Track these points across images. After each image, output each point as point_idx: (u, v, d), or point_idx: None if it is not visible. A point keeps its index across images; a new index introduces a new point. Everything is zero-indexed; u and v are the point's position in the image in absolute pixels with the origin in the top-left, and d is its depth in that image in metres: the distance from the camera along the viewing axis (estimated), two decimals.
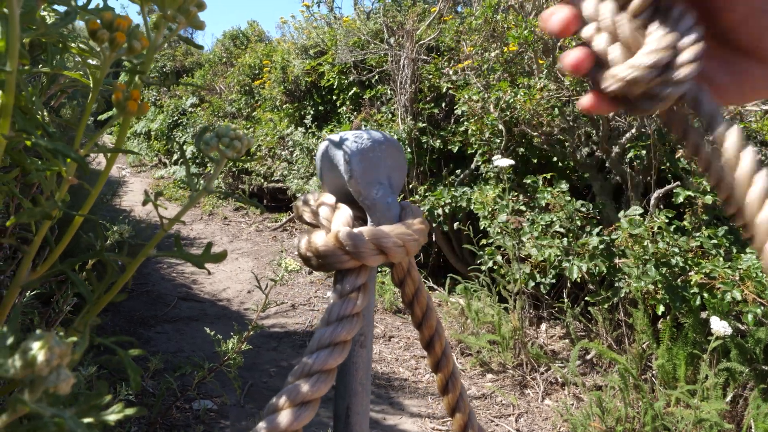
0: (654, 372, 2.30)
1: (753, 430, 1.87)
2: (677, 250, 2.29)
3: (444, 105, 3.78)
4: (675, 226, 2.45)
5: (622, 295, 2.39)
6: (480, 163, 3.32)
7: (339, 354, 0.51)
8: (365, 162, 0.56)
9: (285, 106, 5.28)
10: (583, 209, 2.73)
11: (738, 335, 2.09)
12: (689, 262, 2.28)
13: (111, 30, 0.50)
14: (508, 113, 3.11)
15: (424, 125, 3.66)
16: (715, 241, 2.32)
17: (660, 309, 2.22)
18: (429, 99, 3.77)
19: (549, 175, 2.95)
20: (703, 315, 2.18)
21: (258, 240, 4.96)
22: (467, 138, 3.41)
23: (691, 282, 2.19)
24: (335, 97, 4.66)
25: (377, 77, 4.15)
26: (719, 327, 1.90)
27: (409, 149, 3.61)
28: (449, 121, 3.73)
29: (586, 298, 2.68)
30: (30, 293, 1.26)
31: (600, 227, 2.62)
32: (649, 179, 2.71)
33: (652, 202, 2.62)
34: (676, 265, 2.26)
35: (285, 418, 0.48)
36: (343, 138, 0.57)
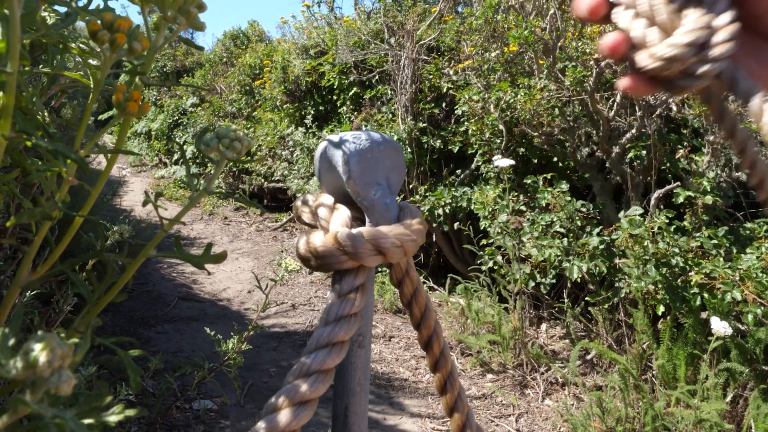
0: (654, 372, 2.31)
1: (753, 430, 1.87)
2: (677, 250, 2.29)
3: (444, 105, 3.78)
4: (675, 226, 2.45)
5: (622, 296, 2.40)
6: (480, 163, 3.32)
7: (337, 354, 0.51)
8: (364, 163, 0.57)
9: (285, 106, 5.28)
10: (584, 209, 2.73)
11: (738, 335, 2.09)
12: (689, 262, 2.28)
13: (111, 31, 0.50)
14: (508, 113, 3.11)
15: (424, 125, 3.66)
16: (716, 242, 2.32)
17: (660, 309, 2.22)
18: (429, 99, 3.77)
19: (549, 176, 2.95)
20: (704, 315, 2.18)
21: (258, 240, 4.96)
22: (467, 138, 3.41)
23: (692, 282, 2.19)
24: (336, 97, 4.66)
25: (378, 77, 4.15)
26: (719, 327, 1.90)
27: (410, 149, 3.61)
28: (450, 121, 3.73)
29: (586, 298, 2.68)
30: (30, 293, 1.26)
31: (600, 227, 2.62)
32: (650, 179, 2.71)
33: (652, 202, 2.62)
34: (676, 266, 2.26)
35: (284, 417, 0.48)
36: (342, 139, 0.57)
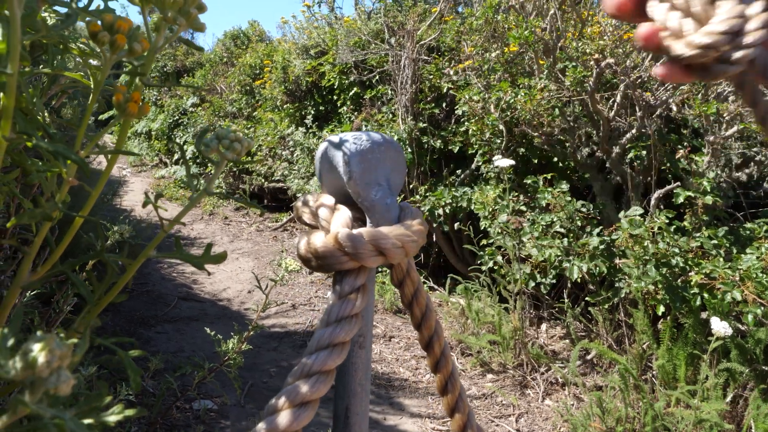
0: (654, 372, 2.31)
1: (753, 430, 1.87)
2: (677, 250, 2.29)
3: (445, 105, 3.78)
4: (675, 226, 2.45)
5: (622, 296, 2.39)
6: (480, 164, 3.32)
7: (338, 355, 0.51)
8: (364, 163, 0.57)
9: (286, 106, 5.28)
10: (584, 209, 2.73)
11: (738, 336, 2.09)
12: (689, 262, 2.28)
13: (112, 32, 0.50)
14: (508, 113, 3.11)
15: (424, 125, 3.66)
16: (716, 242, 2.32)
17: (660, 309, 2.22)
18: (430, 99, 3.77)
19: (549, 176, 2.95)
20: (704, 315, 2.18)
21: (258, 240, 4.96)
22: (468, 138, 3.41)
23: (692, 282, 2.19)
24: (336, 97, 4.66)
25: (378, 77, 4.15)
26: (719, 327, 1.90)
27: (410, 149, 3.61)
28: (450, 122, 3.73)
29: (586, 298, 2.68)
30: (30, 293, 1.26)
31: (600, 227, 2.62)
32: (650, 180, 2.71)
33: (652, 202, 2.62)
34: (676, 266, 2.26)
35: (284, 418, 0.48)
36: (343, 139, 0.57)
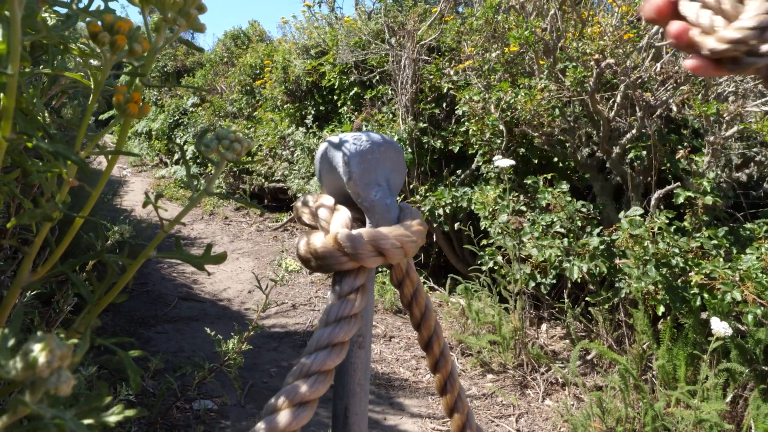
0: (654, 372, 2.31)
1: (753, 430, 1.87)
2: (677, 250, 2.29)
3: (445, 105, 3.78)
4: (675, 226, 2.45)
5: (622, 296, 2.40)
6: (481, 164, 3.32)
7: (337, 355, 0.51)
8: (364, 164, 0.57)
9: (286, 106, 5.28)
10: (584, 210, 2.73)
11: (738, 336, 2.09)
12: (689, 262, 2.28)
13: (112, 33, 0.50)
14: (508, 114, 3.11)
15: (425, 125, 3.66)
16: (716, 242, 2.32)
17: (660, 309, 2.22)
18: (430, 99, 3.77)
19: (549, 176, 2.95)
20: (704, 315, 2.18)
21: (259, 240, 4.96)
22: (468, 138, 3.41)
23: (692, 282, 2.19)
24: (336, 97, 4.66)
25: (378, 77, 4.15)
26: (719, 328, 1.90)
27: (410, 149, 3.61)
28: (450, 122, 3.73)
29: (586, 298, 2.68)
30: (30, 293, 1.26)
31: (600, 228, 2.62)
32: (650, 180, 2.71)
33: (652, 202, 2.62)
34: (676, 266, 2.26)
35: (284, 418, 0.48)
36: (343, 140, 0.57)
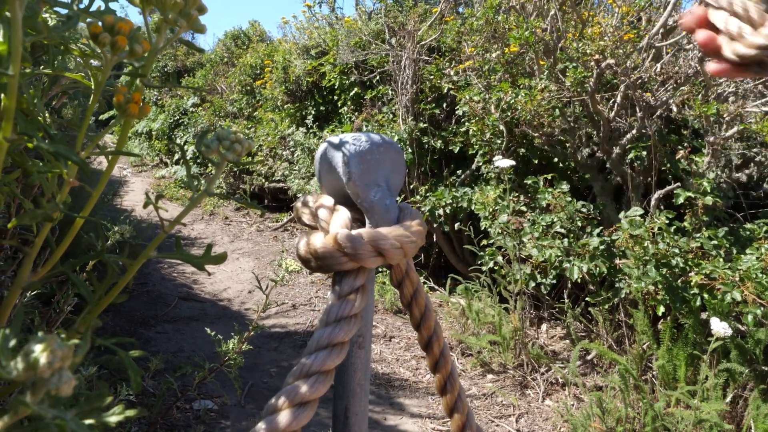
0: (654, 373, 2.31)
1: (753, 430, 1.87)
2: (677, 250, 2.29)
3: (445, 105, 3.78)
4: (675, 227, 2.45)
5: (622, 296, 2.40)
6: (481, 164, 3.32)
7: (337, 355, 0.51)
8: (364, 164, 0.57)
9: (286, 106, 5.28)
10: (584, 210, 2.73)
11: (738, 336, 2.09)
12: (689, 262, 2.28)
13: (113, 34, 0.50)
14: (509, 114, 3.11)
15: (425, 126, 3.66)
16: (715, 242, 2.32)
17: (660, 310, 2.22)
18: (430, 99, 3.77)
19: (550, 176, 2.95)
20: (704, 316, 2.18)
21: (259, 240, 4.97)
22: (468, 138, 3.41)
23: (692, 283, 2.19)
24: (336, 98, 4.66)
25: (378, 78, 4.15)
26: (719, 328, 1.90)
27: (410, 149, 3.61)
28: (450, 122, 3.73)
29: (586, 298, 2.68)
30: (31, 294, 1.27)
31: (600, 228, 2.62)
32: (650, 180, 2.71)
33: (652, 203, 2.62)
34: (676, 266, 2.26)
35: (284, 418, 0.48)
36: (342, 140, 0.58)
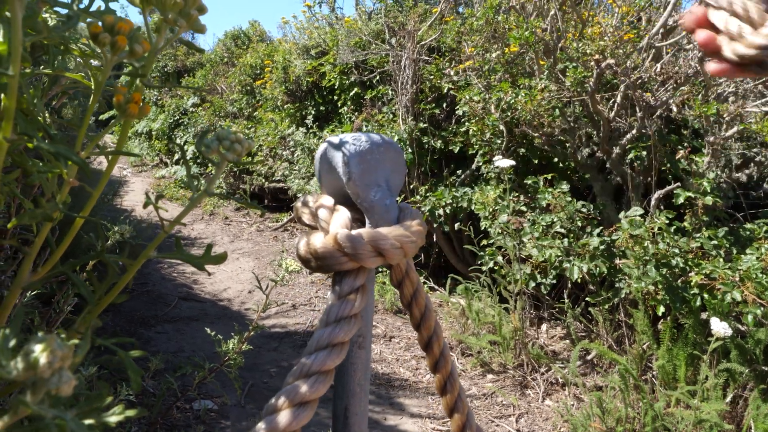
0: (654, 373, 2.31)
1: (753, 430, 1.87)
2: (677, 250, 2.29)
3: (445, 105, 3.78)
4: (675, 227, 2.45)
5: (622, 296, 2.40)
6: (481, 164, 3.32)
7: (337, 355, 0.51)
8: (364, 164, 0.57)
9: (286, 106, 5.28)
10: (584, 210, 2.73)
11: (738, 336, 2.09)
12: (689, 262, 2.28)
13: (113, 34, 0.50)
14: (509, 114, 3.11)
15: (425, 126, 3.66)
16: (716, 242, 2.32)
17: (660, 310, 2.22)
18: (430, 99, 3.77)
19: (550, 176, 2.95)
20: (704, 316, 2.18)
21: (259, 240, 4.97)
22: (468, 138, 3.41)
23: (692, 283, 2.19)
24: (336, 98, 4.66)
25: (378, 78, 4.15)
26: (719, 328, 1.90)
27: (410, 149, 3.61)
28: (450, 122, 3.73)
29: (586, 298, 2.68)
30: (31, 294, 1.27)
31: (600, 228, 2.62)
32: (650, 180, 2.71)
33: (652, 203, 2.62)
34: (676, 266, 2.26)
35: (284, 418, 0.48)
36: (342, 140, 0.57)
